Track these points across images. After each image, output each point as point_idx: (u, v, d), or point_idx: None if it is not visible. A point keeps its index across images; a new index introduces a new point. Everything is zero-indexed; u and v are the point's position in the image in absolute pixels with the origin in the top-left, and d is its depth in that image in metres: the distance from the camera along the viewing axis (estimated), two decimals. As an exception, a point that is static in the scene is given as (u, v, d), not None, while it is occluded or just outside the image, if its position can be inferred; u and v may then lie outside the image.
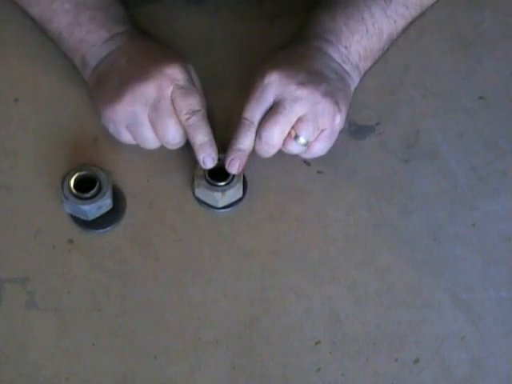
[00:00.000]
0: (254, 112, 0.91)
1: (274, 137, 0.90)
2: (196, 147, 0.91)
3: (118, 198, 0.94)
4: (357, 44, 0.96)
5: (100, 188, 0.91)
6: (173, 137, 0.91)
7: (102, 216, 0.93)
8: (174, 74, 0.90)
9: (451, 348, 0.90)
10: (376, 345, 0.90)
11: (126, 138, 0.93)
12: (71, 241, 0.93)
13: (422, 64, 1.04)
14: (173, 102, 0.90)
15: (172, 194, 0.96)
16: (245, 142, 0.91)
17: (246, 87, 0.92)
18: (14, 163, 0.97)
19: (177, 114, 0.90)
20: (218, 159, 0.92)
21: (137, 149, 0.95)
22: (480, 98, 1.02)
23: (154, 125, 0.91)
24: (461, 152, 0.99)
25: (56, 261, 0.92)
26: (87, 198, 0.91)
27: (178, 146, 0.93)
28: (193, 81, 0.92)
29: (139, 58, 0.93)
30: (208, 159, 0.91)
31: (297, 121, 0.90)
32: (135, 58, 0.94)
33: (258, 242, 0.94)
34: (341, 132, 0.99)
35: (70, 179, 0.91)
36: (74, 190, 0.91)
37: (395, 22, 0.98)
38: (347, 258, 0.94)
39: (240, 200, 0.94)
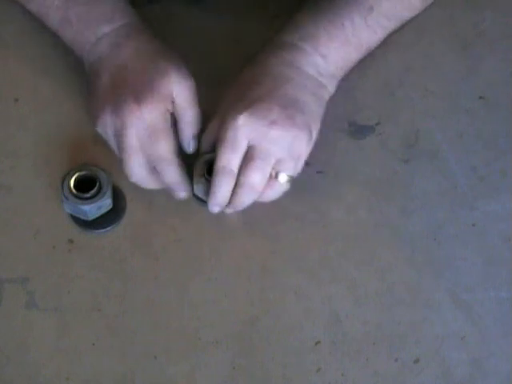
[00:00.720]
0: (231, 160, 0.87)
1: (256, 181, 0.88)
2: (167, 185, 0.92)
3: (118, 197, 0.94)
4: (335, 52, 0.94)
5: (100, 188, 0.91)
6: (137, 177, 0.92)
7: (102, 216, 0.93)
8: (146, 115, 0.88)
9: (451, 348, 0.90)
10: (376, 345, 0.90)
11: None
12: (71, 241, 0.93)
13: (422, 64, 1.04)
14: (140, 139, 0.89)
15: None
16: (226, 190, 0.88)
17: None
18: (14, 163, 0.97)
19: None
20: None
21: (137, 149, 0.94)
22: (480, 97, 1.02)
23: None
24: (461, 152, 0.99)
25: (56, 261, 0.92)
26: (87, 198, 0.91)
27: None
28: (168, 114, 0.90)
29: (117, 80, 0.91)
30: (180, 195, 0.92)
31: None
32: (114, 78, 0.91)
33: (258, 242, 0.94)
34: (341, 132, 0.99)
35: (70, 179, 0.91)
36: (74, 190, 0.91)
37: (375, 32, 0.96)
38: (347, 258, 0.94)
39: None
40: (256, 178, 0.88)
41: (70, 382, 0.87)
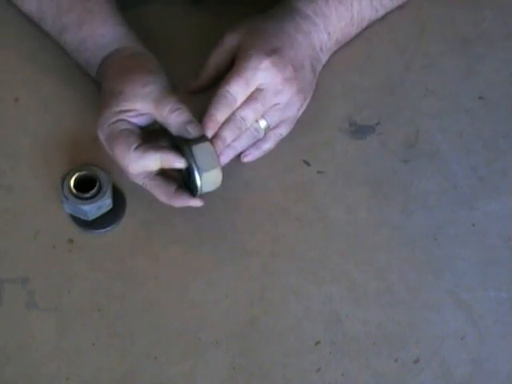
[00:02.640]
0: (240, 91, 0.90)
1: (248, 121, 0.92)
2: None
3: (118, 197, 0.94)
4: (339, 31, 0.98)
5: (100, 188, 0.92)
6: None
7: (102, 216, 0.93)
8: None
9: (451, 348, 0.90)
10: (376, 345, 0.90)
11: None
12: (71, 241, 0.93)
13: (422, 64, 1.04)
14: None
15: (172, 194, 0.96)
16: (223, 114, 0.90)
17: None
18: (14, 163, 0.97)
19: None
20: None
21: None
22: (480, 98, 1.02)
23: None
24: (461, 152, 0.99)
25: (56, 261, 0.92)
26: (87, 198, 0.91)
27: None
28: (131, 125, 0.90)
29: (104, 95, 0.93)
30: (179, 164, 0.90)
31: None
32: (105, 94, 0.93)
33: (258, 242, 0.94)
34: (341, 132, 0.99)
35: (70, 179, 0.91)
36: (74, 190, 0.91)
37: (377, 11, 1.01)
38: (347, 258, 0.94)
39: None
40: (249, 116, 0.92)
41: (69, 382, 0.87)
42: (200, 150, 0.88)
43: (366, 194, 0.97)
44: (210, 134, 0.90)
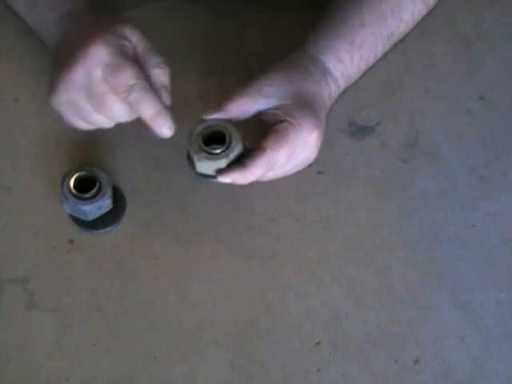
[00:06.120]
0: (283, 159, 0.89)
1: (278, 172, 0.92)
2: (147, 121, 0.87)
3: (118, 197, 0.94)
4: (354, 81, 0.97)
5: (100, 188, 0.91)
6: (119, 116, 0.88)
7: (102, 216, 0.93)
8: (97, 52, 0.85)
9: (451, 348, 0.90)
10: (376, 345, 0.90)
11: (81, 125, 0.91)
12: (71, 241, 0.93)
13: (423, 64, 1.04)
14: (107, 81, 0.86)
15: (172, 194, 0.96)
16: (259, 174, 0.89)
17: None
18: (14, 163, 0.97)
19: (115, 92, 0.86)
20: (208, 126, 0.89)
21: (137, 149, 0.95)
22: (480, 98, 1.02)
23: (96, 109, 0.88)
24: (461, 152, 0.99)
25: (56, 261, 0.92)
26: (87, 198, 0.91)
27: (133, 119, 0.89)
28: (124, 50, 0.87)
29: (73, 42, 0.89)
30: (164, 129, 0.87)
31: None
32: (72, 43, 0.89)
33: (258, 242, 0.94)
34: (341, 132, 0.99)
35: (70, 179, 0.91)
36: (73, 190, 0.91)
37: (385, 51, 0.98)
38: (347, 258, 0.94)
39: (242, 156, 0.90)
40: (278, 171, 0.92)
41: (69, 381, 0.87)
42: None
43: (366, 194, 0.97)
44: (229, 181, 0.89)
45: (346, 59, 0.95)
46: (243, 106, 0.90)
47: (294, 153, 0.90)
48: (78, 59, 0.86)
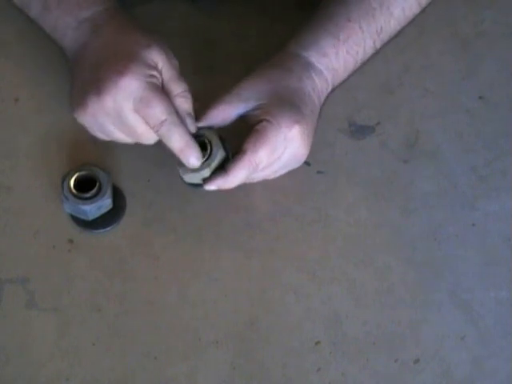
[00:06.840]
0: (265, 159, 0.89)
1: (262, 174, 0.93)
2: (175, 153, 0.89)
3: (118, 197, 0.94)
4: (342, 79, 0.97)
5: (100, 188, 0.92)
6: (146, 140, 0.90)
7: (102, 216, 0.93)
8: (128, 85, 0.86)
9: (451, 348, 0.90)
10: (376, 345, 0.90)
11: (102, 137, 0.92)
12: (71, 241, 0.93)
13: (422, 64, 1.04)
14: (138, 113, 0.87)
15: (172, 193, 0.96)
16: (242, 178, 0.89)
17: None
18: (14, 163, 0.97)
19: (145, 122, 0.88)
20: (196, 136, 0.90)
21: (137, 149, 0.95)
22: (480, 98, 1.02)
23: (123, 132, 0.89)
24: (461, 152, 0.99)
25: (56, 261, 0.92)
26: (87, 198, 0.91)
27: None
28: (153, 81, 0.88)
29: (98, 60, 0.89)
30: (192, 159, 0.89)
31: None
32: (96, 61, 0.90)
33: (258, 242, 0.94)
34: (341, 132, 0.99)
35: (70, 179, 0.91)
36: (73, 190, 0.91)
37: (377, 50, 0.98)
38: (347, 258, 0.94)
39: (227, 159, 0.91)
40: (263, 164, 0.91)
41: (69, 381, 0.87)
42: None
43: (365, 194, 0.97)
44: (215, 187, 0.90)
45: (331, 53, 0.95)
46: (223, 112, 0.91)
47: (275, 151, 0.90)
48: (108, 89, 0.86)
